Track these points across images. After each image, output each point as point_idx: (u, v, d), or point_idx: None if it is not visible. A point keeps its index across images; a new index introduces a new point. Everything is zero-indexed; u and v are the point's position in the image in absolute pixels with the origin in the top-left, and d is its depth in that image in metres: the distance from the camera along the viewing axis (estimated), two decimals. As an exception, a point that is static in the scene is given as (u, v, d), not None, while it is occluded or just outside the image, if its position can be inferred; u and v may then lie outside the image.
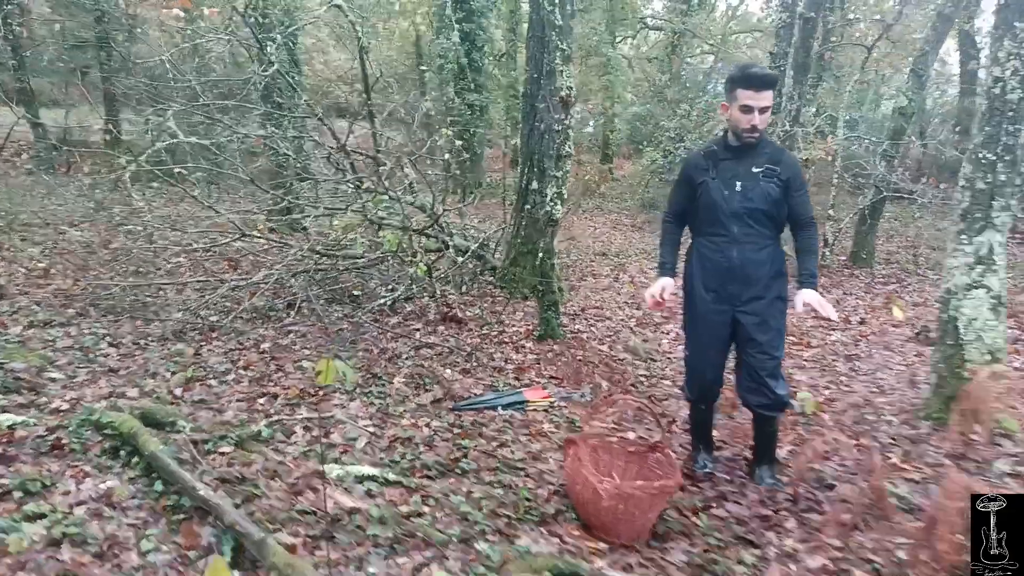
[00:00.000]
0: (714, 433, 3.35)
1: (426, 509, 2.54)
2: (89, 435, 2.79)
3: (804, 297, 2.75)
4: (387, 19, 19.32)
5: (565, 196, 4.91)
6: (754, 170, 2.73)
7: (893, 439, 3.56)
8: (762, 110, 2.66)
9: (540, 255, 4.99)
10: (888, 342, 5.89)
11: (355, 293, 5.59)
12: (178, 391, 3.47)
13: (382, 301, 5.11)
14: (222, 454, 2.77)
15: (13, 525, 2.11)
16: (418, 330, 4.95)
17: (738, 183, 2.73)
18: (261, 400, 3.49)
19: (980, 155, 3.39)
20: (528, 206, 6.00)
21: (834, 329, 6.22)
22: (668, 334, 5.61)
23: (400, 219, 5.11)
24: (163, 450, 2.58)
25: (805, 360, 5.16)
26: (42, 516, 2.19)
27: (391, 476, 2.70)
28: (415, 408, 3.55)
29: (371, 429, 3.22)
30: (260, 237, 5.42)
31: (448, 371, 4.07)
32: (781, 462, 3.19)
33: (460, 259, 5.55)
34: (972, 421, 2.70)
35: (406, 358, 4.34)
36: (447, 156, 6.55)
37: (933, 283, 8.47)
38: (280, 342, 4.45)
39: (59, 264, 5.84)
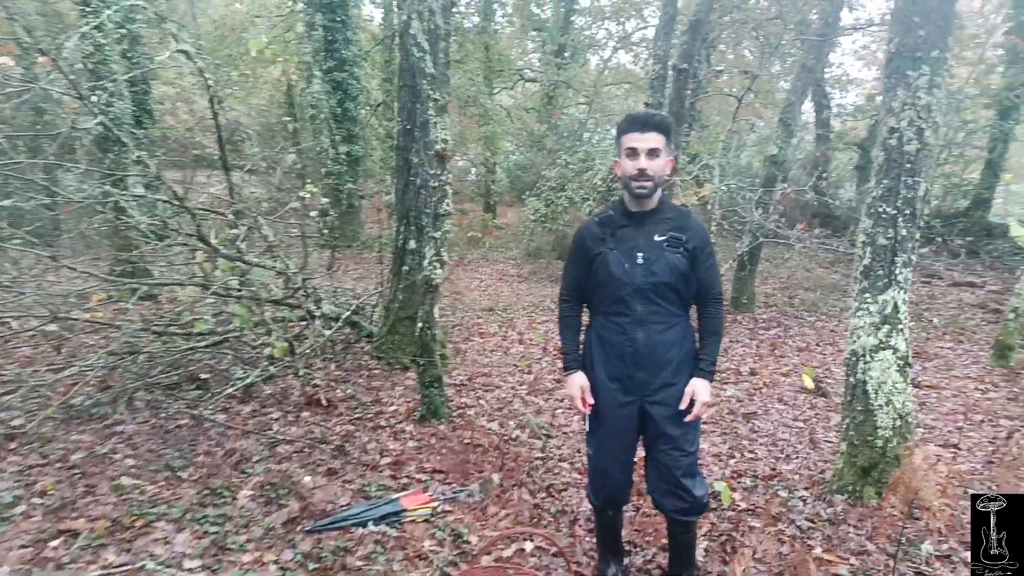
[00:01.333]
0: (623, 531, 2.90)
1: None
2: None
3: (696, 390, 2.37)
4: (256, 68, 18.44)
5: (446, 259, 4.41)
6: (657, 239, 2.34)
7: (811, 520, 3.24)
8: (650, 153, 2.28)
9: (420, 325, 4.43)
10: (781, 394, 5.76)
11: (202, 377, 4.79)
12: (-68, 543, 2.61)
13: (234, 386, 4.36)
14: (-29, 648, 2.00)
15: None
16: (276, 420, 4.24)
17: (640, 254, 2.33)
18: (55, 542, 2.69)
19: (880, 209, 3.21)
20: (406, 267, 5.46)
21: (727, 383, 6.05)
22: (562, 401, 5.18)
23: (252, 289, 4.41)
24: None
25: (704, 423, 4.86)
26: None
27: (216, 657, 2.03)
28: (262, 534, 2.86)
29: (200, 575, 2.51)
30: (78, 319, 4.52)
31: (308, 477, 3.39)
32: (699, 566, 2.77)
33: (327, 331, 4.90)
34: (905, 506, 2.41)
35: (257, 460, 3.62)
36: (313, 213, 5.91)
37: (811, 325, 8.64)
38: (97, 450, 3.61)
39: None
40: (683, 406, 2.36)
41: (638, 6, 19.03)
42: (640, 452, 2.55)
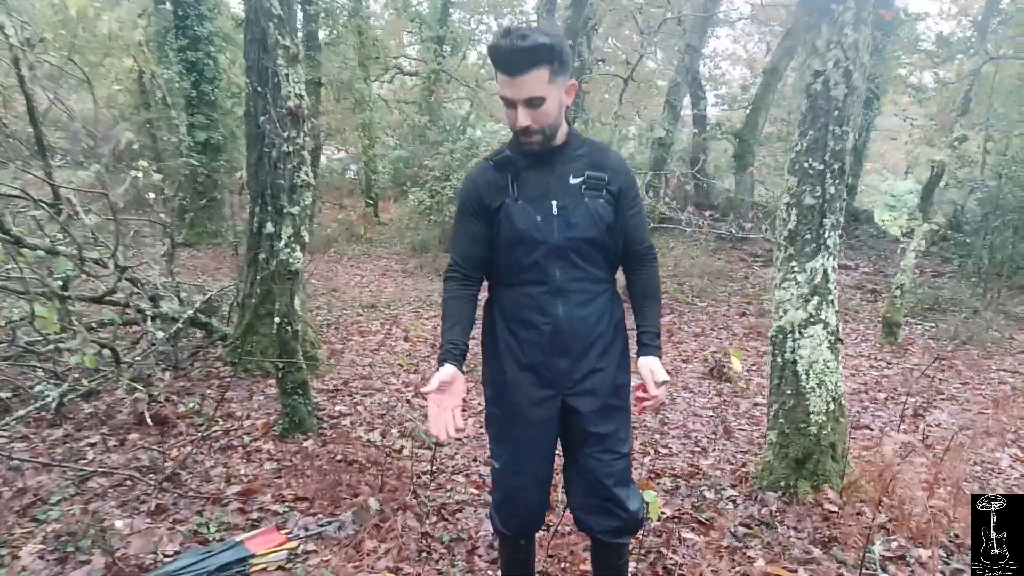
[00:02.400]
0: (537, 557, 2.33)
1: None
2: None
3: (650, 368, 1.80)
4: (104, 56, 16.50)
5: (306, 239, 3.68)
6: (572, 181, 1.76)
7: (746, 525, 2.80)
8: (529, 103, 1.64)
9: (278, 320, 3.68)
10: (685, 382, 5.45)
11: (2, 396, 3.80)
12: None
13: (39, 404, 3.42)
14: None
15: None
16: (93, 446, 3.35)
17: (554, 202, 1.74)
18: None
19: (806, 164, 2.82)
20: (263, 255, 4.66)
21: (632, 372, 5.66)
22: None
23: (59, 284, 3.49)
24: None
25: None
26: None
27: None
28: (43, 610, 2.06)
29: None
30: None
31: (123, 520, 2.58)
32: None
33: (161, 334, 4.01)
34: (873, 506, 2.00)
35: (58, 501, 2.76)
36: (150, 195, 4.96)
37: (704, 311, 8.51)
38: None
39: None
40: (645, 393, 1.78)
41: (513, 3, 18.78)
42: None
